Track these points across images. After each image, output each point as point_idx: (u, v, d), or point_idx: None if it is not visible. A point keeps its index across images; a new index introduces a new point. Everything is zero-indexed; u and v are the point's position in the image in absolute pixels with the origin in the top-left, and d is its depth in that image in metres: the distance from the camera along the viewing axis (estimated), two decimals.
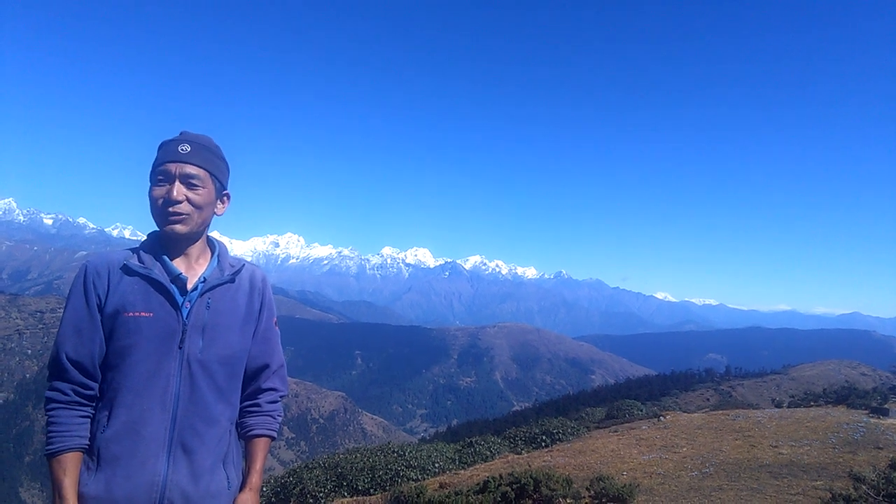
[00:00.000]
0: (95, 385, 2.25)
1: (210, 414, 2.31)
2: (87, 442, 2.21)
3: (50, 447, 2.18)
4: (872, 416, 11.73)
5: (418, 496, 7.50)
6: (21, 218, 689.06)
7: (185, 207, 2.29)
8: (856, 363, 64.04)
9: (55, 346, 2.25)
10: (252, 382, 2.49)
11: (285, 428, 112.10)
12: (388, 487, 10.08)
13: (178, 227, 2.29)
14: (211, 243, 2.49)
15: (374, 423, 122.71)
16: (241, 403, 2.46)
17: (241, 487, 2.39)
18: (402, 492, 7.99)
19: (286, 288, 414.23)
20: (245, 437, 2.46)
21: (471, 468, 10.99)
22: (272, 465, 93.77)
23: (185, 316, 2.28)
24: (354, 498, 9.98)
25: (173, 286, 2.29)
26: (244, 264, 2.50)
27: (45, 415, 2.25)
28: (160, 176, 2.31)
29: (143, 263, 2.29)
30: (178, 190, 2.28)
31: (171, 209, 2.28)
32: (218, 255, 2.45)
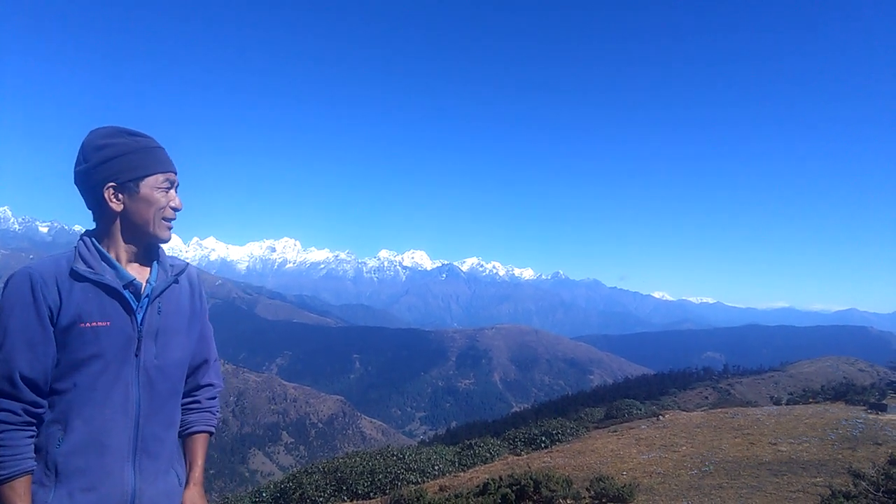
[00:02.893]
0: (45, 403, 2.14)
1: (169, 418, 2.32)
2: (35, 462, 2.10)
3: (2, 472, 2.03)
4: (871, 412, 11.76)
5: (418, 499, 7.49)
6: (16, 226, 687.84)
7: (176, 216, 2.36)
8: (853, 359, 64.15)
9: (3, 364, 2.07)
10: (191, 379, 2.48)
11: (284, 433, 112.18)
12: (387, 491, 10.07)
13: (170, 234, 2.34)
14: None
15: (373, 426, 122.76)
16: None
17: (186, 483, 2.39)
18: (401, 495, 7.97)
19: (283, 292, 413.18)
20: (185, 433, 2.45)
21: (470, 470, 10.98)
22: (272, 471, 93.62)
23: (139, 322, 2.23)
24: (354, 502, 9.97)
25: (127, 292, 2.22)
26: (187, 265, 2.46)
27: None
28: (167, 183, 2.30)
29: (92, 269, 2.19)
30: (178, 199, 2.35)
31: (171, 217, 2.32)
32: (158, 257, 2.40)
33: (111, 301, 2.19)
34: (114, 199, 2.23)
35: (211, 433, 2.51)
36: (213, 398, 2.55)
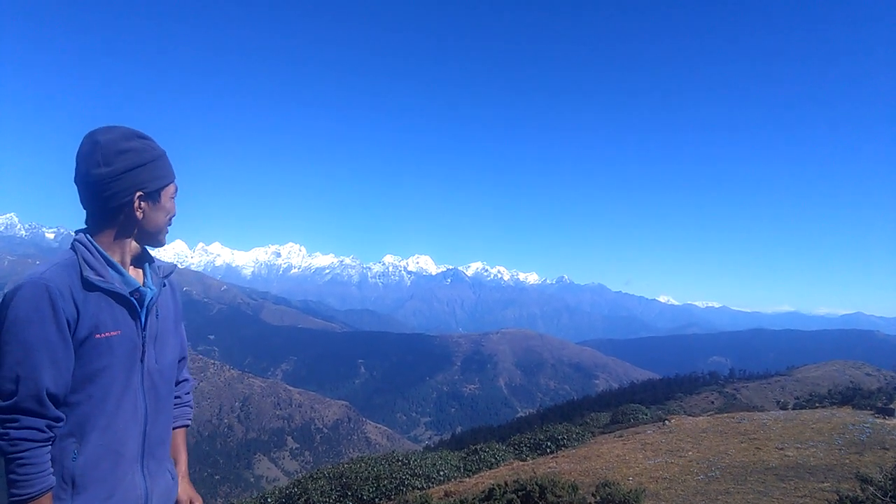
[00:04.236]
0: (64, 417, 2.11)
1: (169, 419, 2.41)
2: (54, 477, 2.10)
3: (30, 491, 2.01)
4: (878, 417, 11.68)
5: None
6: (23, 232, 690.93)
7: None
8: (860, 363, 63.93)
9: (30, 381, 2.02)
10: None
11: (289, 438, 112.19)
12: (393, 496, 10.05)
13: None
14: None
15: (378, 431, 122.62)
16: None
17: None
18: (407, 500, 7.97)
19: (288, 298, 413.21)
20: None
21: (476, 476, 10.96)
22: (277, 476, 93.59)
23: (144, 328, 2.27)
24: None
25: (133, 299, 2.24)
26: (174, 266, 2.50)
27: (13, 456, 2.01)
28: (175, 191, 2.40)
29: (101, 276, 2.19)
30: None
31: (170, 224, 2.40)
32: (150, 259, 2.43)
33: (120, 309, 2.21)
34: (139, 208, 2.26)
35: (188, 426, 2.63)
36: (189, 393, 2.66)
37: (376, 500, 10.21)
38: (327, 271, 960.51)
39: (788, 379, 57.59)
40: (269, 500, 11.09)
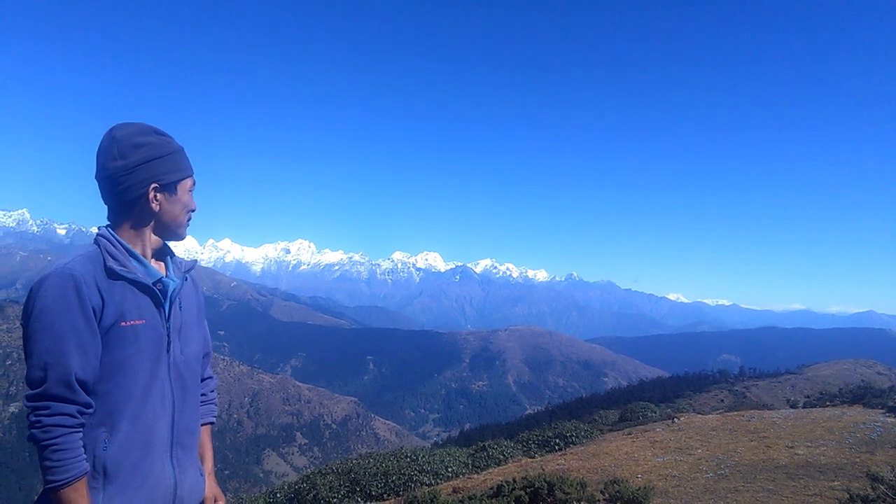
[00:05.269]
0: (93, 403, 2.15)
1: (196, 410, 2.46)
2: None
3: (66, 476, 2.05)
4: (889, 415, 11.60)
5: (431, 501, 7.49)
6: (35, 228, 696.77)
7: None
8: (872, 362, 63.27)
9: (58, 367, 2.07)
10: None
11: (298, 434, 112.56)
12: (401, 492, 10.08)
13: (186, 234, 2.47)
14: None
15: (386, 427, 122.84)
16: None
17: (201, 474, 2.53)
18: (415, 496, 7.98)
19: (297, 294, 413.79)
20: None
21: (484, 472, 10.96)
22: (286, 472, 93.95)
23: (168, 319, 2.32)
24: (368, 503, 9.98)
25: (156, 289, 2.29)
26: (195, 262, 2.56)
27: (46, 442, 2.05)
28: (193, 186, 2.46)
29: (124, 267, 2.24)
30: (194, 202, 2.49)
31: (190, 219, 2.46)
32: (171, 253, 2.49)
33: (144, 298, 2.26)
34: (154, 200, 2.32)
35: (213, 423, 2.68)
36: (214, 390, 2.70)
37: (384, 495, 10.24)
38: (336, 268, 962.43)
39: (799, 377, 57.06)
40: (278, 495, 11.14)
